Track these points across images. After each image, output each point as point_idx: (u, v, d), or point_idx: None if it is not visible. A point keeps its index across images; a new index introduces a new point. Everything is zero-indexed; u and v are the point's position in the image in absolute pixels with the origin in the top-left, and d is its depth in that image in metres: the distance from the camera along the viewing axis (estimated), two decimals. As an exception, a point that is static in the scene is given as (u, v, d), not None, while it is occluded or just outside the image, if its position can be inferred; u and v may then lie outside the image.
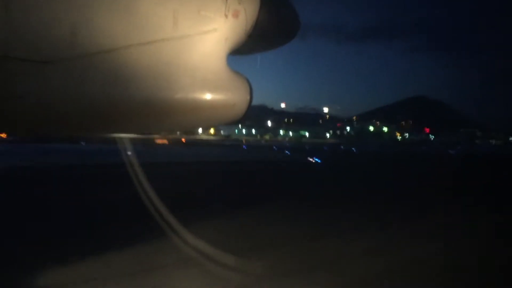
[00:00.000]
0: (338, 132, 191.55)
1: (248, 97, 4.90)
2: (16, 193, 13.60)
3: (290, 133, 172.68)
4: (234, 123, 5.29)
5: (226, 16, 4.48)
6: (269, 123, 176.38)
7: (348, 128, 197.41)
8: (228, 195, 14.51)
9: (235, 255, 7.47)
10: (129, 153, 13.87)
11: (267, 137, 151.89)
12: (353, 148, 69.40)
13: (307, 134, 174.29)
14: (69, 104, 3.45)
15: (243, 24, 4.77)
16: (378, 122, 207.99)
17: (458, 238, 9.91)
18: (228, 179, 20.71)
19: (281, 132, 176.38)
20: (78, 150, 35.96)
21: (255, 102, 5.13)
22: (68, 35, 3.25)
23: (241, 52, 5.22)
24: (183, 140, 70.35)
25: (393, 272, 7.32)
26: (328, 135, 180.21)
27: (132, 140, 16.72)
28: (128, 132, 5.46)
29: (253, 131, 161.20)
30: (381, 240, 9.57)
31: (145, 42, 3.77)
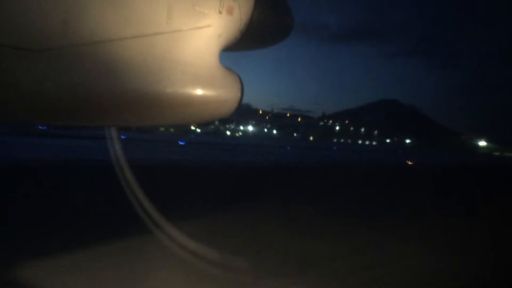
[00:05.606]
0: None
1: (239, 94, 4.91)
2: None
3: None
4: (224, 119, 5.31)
5: (220, 12, 4.48)
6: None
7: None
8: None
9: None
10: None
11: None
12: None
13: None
14: (60, 93, 3.42)
15: (237, 21, 4.77)
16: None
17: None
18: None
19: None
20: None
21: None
22: (60, 25, 3.21)
23: (234, 49, 5.22)
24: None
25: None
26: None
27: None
28: (118, 124, 5.38)
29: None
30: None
31: (138, 35, 3.76)
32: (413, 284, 7.54)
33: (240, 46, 5.26)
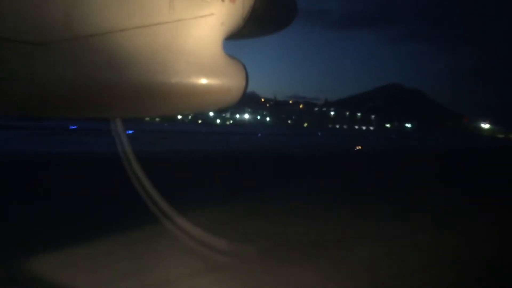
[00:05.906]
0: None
1: (244, 83, 4.88)
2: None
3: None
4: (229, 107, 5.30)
5: (223, 0, 4.42)
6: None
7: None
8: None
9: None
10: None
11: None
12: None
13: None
14: (63, 86, 3.41)
15: (240, 9, 4.72)
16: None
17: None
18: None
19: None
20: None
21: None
22: (62, 17, 3.18)
23: (238, 37, 5.17)
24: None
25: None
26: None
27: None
28: (121, 115, 5.39)
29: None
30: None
31: (141, 25, 3.73)
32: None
33: (243, 34, 5.21)
